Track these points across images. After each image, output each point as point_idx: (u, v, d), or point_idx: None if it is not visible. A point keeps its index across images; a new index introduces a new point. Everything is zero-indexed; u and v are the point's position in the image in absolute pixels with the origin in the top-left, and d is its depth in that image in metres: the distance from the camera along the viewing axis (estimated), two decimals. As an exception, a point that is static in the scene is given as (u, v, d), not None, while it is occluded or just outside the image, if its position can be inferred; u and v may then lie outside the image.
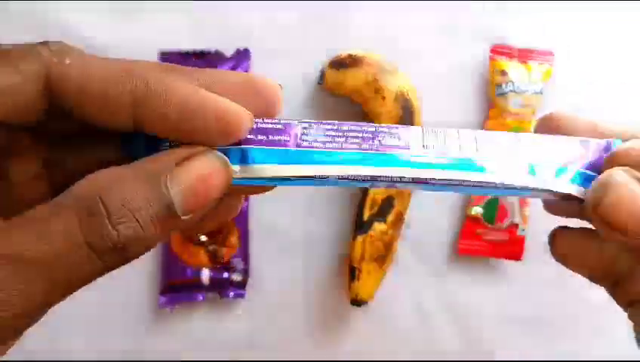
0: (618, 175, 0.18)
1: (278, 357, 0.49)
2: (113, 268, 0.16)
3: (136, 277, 0.48)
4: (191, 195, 0.17)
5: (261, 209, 0.48)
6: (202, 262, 0.47)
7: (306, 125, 0.21)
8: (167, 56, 0.46)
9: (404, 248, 0.49)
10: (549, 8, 0.49)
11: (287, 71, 0.48)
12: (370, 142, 0.21)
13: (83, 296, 0.49)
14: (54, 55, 0.17)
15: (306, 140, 0.20)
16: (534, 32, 0.49)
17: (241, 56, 0.47)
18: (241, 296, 0.48)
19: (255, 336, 0.49)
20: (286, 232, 0.49)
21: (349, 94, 0.46)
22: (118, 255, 0.16)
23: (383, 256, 0.46)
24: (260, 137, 0.20)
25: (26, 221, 0.15)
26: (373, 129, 0.21)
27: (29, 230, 0.15)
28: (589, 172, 0.21)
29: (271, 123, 0.20)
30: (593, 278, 0.22)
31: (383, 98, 0.45)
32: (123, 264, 0.17)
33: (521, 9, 0.49)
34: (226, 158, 0.18)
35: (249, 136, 0.20)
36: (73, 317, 0.47)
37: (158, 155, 0.17)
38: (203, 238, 0.47)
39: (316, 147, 0.20)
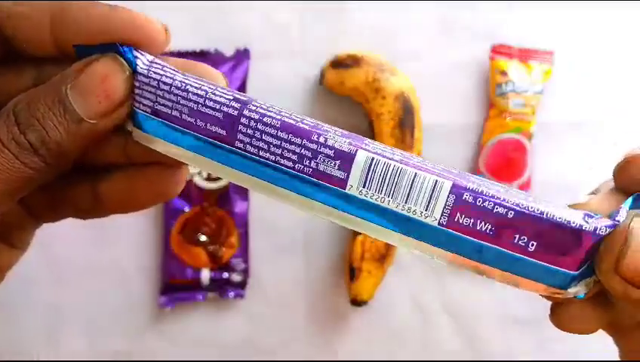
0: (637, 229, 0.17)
1: (278, 357, 0.48)
2: (40, 171, 0.18)
3: (136, 277, 0.48)
4: (89, 95, 0.18)
5: (261, 209, 0.48)
6: (202, 262, 0.47)
7: (248, 120, 0.19)
8: (166, 56, 0.46)
9: (404, 248, 0.49)
10: (549, 8, 0.49)
11: (287, 71, 0.48)
12: (307, 162, 0.18)
13: (83, 296, 0.50)
14: None
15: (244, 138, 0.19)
16: (534, 32, 0.49)
17: (241, 56, 0.47)
18: (241, 296, 0.48)
19: (255, 336, 0.49)
20: (286, 232, 0.49)
21: (349, 94, 0.46)
22: (34, 155, 0.18)
23: (383, 256, 0.46)
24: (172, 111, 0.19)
25: None
26: (315, 146, 0.18)
27: None
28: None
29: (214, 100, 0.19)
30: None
31: (383, 98, 0.45)
32: (46, 167, 0.18)
33: (521, 9, 0.49)
34: (123, 61, 0.19)
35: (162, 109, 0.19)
36: (73, 317, 0.47)
37: (66, 70, 0.19)
38: (203, 238, 0.47)
39: (246, 150, 0.19)
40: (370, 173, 0.18)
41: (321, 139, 0.18)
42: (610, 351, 0.25)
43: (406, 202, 0.18)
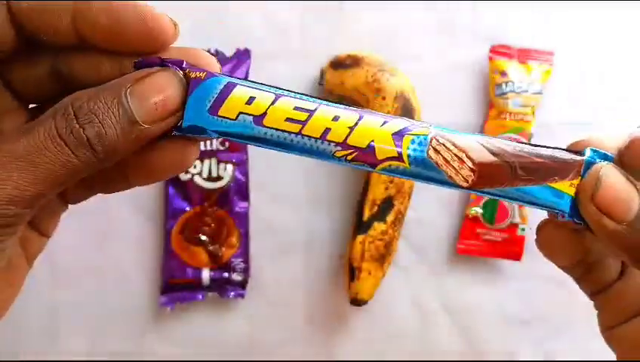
0: (608, 168, 0.21)
1: (278, 357, 0.49)
2: (89, 165, 0.19)
3: (137, 276, 0.48)
4: (147, 103, 0.20)
5: (261, 209, 0.48)
6: (202, 261, 0.47)
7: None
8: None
9: (404, 248, 0.49)
10: (549, 8, 0.49)
11: (287, 71, 0.48)
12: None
13: (83, 296, 0.50)
14: None
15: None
16: (534, 32, 0.49)
17: (241, 56, 0.47)
18: (241, 296, 0.48)
19: (255, 336, 0.49)
20: (286, 232, 0.49)
21: (349, 94, 0.46)
22: (87, 150, 0.19)
23: (383, 256, 0.46)
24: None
25: (22, 127, 0.19)
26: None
27: (22, 132, 0.19)
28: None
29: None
30: (565, 268, 0.25)
31: (383, 98, 0.45)
32: (97, 162, 0.19)
33: (521, 9, 0.49)
34: (181, 75, 0.21)
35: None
36: (73, 317, 0.47)
37: (126, 75, 0.20)
38: (203, 238, 0.47)
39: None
40: None
41: None
42: (610, 352, 0.25)
43: None
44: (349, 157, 0.21)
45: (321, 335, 0.49)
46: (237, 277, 0.47)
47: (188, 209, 0.47)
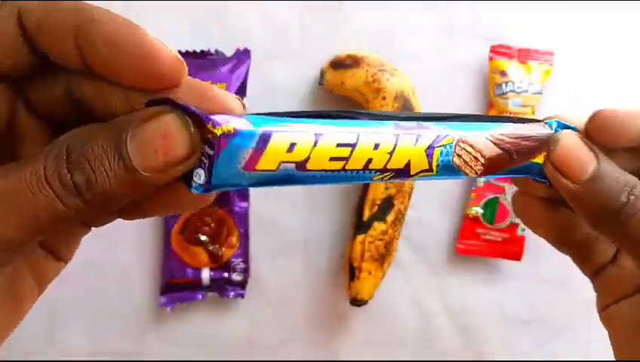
0: (567, 132, 0.23)
1: (278, 357, 0.49)
2: (78, 212, 0.18)
3: (137, 277, 0.48)
4: (148, 149, 0.17)
5: (261, 209, 0.48)
6: (202, 261, 0.47)
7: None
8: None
9: (404, 248, 0.49)
10: (549, 8, 0.49)
11: (286, 71, 0.48)
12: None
13: (83, 296, 0.49)
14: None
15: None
16: (534, 32, 0.49)
17: (241, 56, 0.47)
18: (241, 295, 0.48)
19: (255, 336, 0.49)
20: (286, 232, 0.49)
21: (349, 94, 0.46)
22: (75, 198, 0.17)
23: (383, 256, 0.46)
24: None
25: (12, 164, 0.18)
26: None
27: (9, 170, 0.17)
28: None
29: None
30: (556, 244, 0.26)
31: (383, 98, 0.45)
32: (87, 209, 0.18)
33: (521, 9, 0.49)
34: (189, 120, 0.18)
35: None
36: (73, 317, 0.47)
37: (130, 114, 0.18)
38: (203, 238, 0.47)
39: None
40: None
41: None
42: (609, 352, 0.25)
43: None
44: (386, 178, 0.21)
45: (321, 335, 0.49)
46: (237, 277, 0.47)
47: (188, 209, 0.47)
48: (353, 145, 0.20)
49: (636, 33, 0.50)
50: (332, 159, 0.20)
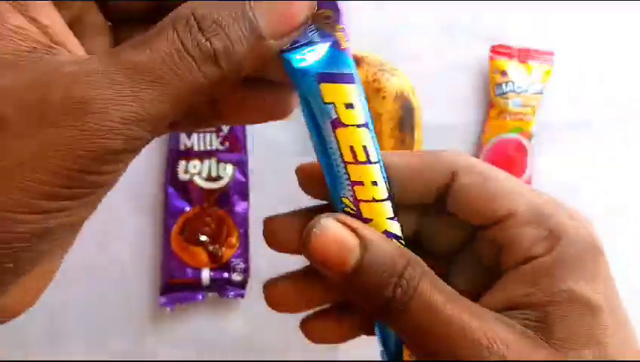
0: (325, 217, 0.20)
1: (278, 357, 0.48)
2: (212, 82, 0.17)
3: (137, 277, 0.48)
4: (273, 15, 0.18)
5: (261, 209, 0.48)
6: (202, 261, 0.47)
7: None
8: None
9: (404, 248, 0.49)
10: (549, 8, 0.49)
11: (287, 71, 0.48)
12: None
13: (83, 296, 0.49)
14: None
15: None
16: (534, 32, 0.49)
17: (241, 56, 0.47)
18: (241, 295, 0.48)
19: (255, 336, 0.48)
20: (286, 232, 0.49)
21: (349, 94, 0.46)
22: (213, 65, 0.17)
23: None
24: None
25: (136, 40, 0.17)
26: None
27: (139, 45, 0.16)
28: None
29: None
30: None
31: (383, 98, 0.45)
32: (220, 79, 0.17)
33: (521, 9, 0.49)
34: None
35: None
36: (73, 318, 0.47)
37: None
38: (203, 238, 0.47)
39: None
40: None
41: None
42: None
43: None
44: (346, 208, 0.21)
45: (321, 335, 0.49)
46: (237, 277, 0.47)
47: (188, 209, 0.47)
48: (367, 163, 0.20)
49: (636, 33, 0.50)
50: (351, 149, 0.20)
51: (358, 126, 0.20)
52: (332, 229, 0.20)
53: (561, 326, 0.18)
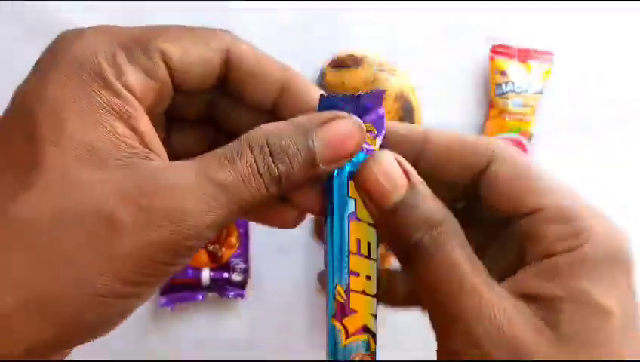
0: (381, 152, 0.22)
1: (278, 357, 0.49)
2: (271, 198, 0.20)
3: (136, 277, 0.48)
4: (330, 149, 0.21)
5: (261, 209, 0.48)
6: (202, 261, 0.47)
7: None
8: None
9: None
10: (549, 8, 0.49)
11: (287, 71, 0.48)
12: None
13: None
14: (234, 40, 0.24)
15: None
16: (534, 32, 0.49)
17: (241, 56, 0.47)
18: (241, 296, 0.48)
19: (255, 336, 0.49)
20: (286, 232, 0.48)
21: (349, 94, 0.46)
22: (276, 186, 0.20)
23: (383, 256, 0.46)
24: None
25: (220, 156, 0.20)
26: None
27: (223, 162, 0.20)
28: None
29: None
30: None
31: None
32: (277, 196, 0.21)
33: (521, 9, 0.49)
34: (362, 123, 0.21)
35: None
36: (73, 317, 0.47)
37: (309, 115, 0.21)
38: (203, 238, 0.47)
39: None
40: None
41: None
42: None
43: None
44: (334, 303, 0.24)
45: (321, 335, 0.49)
46: (237, 277, 0.47)
47: (188, 209, 0.47)
48: (369, 257, 0.24)
49: (636, 33, 0.50)
50: (358, 247, 0.24)
51: (370, 225, 0.22)
52: (386, 162, 0.21)
53: (568, 323, 0.19)
